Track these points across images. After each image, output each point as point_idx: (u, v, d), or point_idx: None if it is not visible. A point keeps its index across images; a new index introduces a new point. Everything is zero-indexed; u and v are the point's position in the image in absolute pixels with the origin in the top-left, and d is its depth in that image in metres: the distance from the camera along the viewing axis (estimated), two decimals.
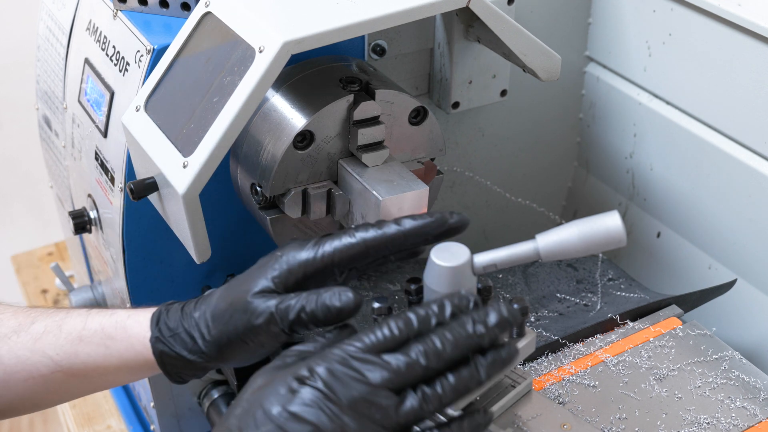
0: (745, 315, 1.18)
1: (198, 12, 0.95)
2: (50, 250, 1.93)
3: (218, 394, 1.20)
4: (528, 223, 1.37)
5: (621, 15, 1.24)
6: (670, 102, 1.22)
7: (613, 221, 0.74)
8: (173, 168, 0.89)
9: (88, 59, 1.14)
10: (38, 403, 0.93)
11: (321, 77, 0.99)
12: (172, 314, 0.86)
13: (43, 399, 0.92)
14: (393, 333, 0.70)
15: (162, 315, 0.87)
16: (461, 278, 0.78)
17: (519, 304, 0.82)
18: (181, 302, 0.87)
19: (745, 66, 1.09)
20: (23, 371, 0.89)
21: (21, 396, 0.91)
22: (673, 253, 1.28)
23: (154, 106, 0.94)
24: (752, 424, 0.95)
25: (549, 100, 1.31)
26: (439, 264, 0.78)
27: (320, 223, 1.00)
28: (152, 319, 0.87)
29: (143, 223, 1.08)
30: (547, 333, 1.07)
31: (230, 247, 1.13)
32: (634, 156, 1.30)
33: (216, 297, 0.84)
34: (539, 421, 0.87)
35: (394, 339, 0.70)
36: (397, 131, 0.99)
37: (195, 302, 0.86)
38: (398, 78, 1.15)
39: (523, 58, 1.00)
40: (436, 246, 0.79)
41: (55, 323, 0.90)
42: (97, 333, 0.88)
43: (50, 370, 0.89)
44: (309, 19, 0.87)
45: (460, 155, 1.28)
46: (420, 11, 0.90)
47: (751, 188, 1.13)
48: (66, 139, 1.24)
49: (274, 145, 0.94)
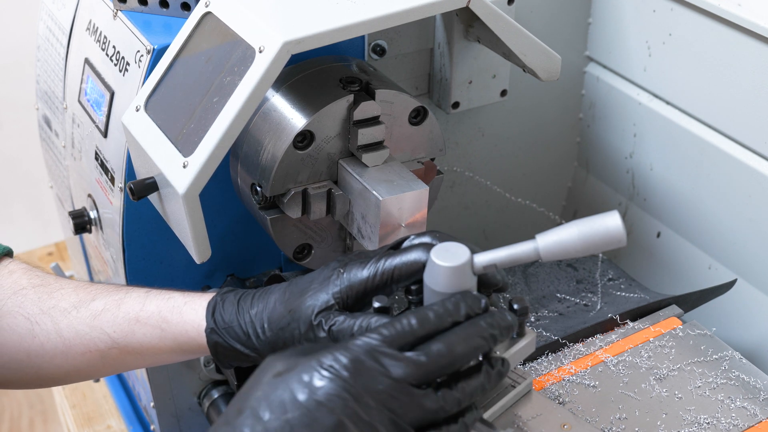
0: (745, 315, 1.18)
1: (198, 12, 0.95)
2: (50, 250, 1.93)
3: (218, 394, 1.20)
4: (528, 223, 1.37)
5: (621, 15, 1.24)
6: (670, 102, 1.22)
7: (613, 221, 0.74)
8: (173, 168, 0.89)
9: (88, 59, 1.14)
10: (93, 374, 0.97)
11: (321, 77, 0.99)
12: (227, 306, 0.88)
13: (98, 371, 0.96)
14: (413, 328, 0.72)
15: (218, 306, 0.88)
16: (461, 278, 0.78)
17: (519, 304, 0.82)
18: (237, 292, 0.89)
19: (745, 66, 1.09)
20: (81, 345, 0.93)
21: (78, 368, 0.95)
22: (673, 253, 1.28)
23: (154, 106, 0.94)
24: (752, 424, 0.95)
25: (549, 100, 1.31)
26: (439, 264, 0.78)
27: (320, 223, 1.00)
28: (208, 308, 0.89)
29: (143, 223, 1.08)
30: (547, 333, 1.07)
31: (230, 247, 1.13)
32: (634, 156, 1.30)
33: (274, 299, 0.86)
34: (539, 421, 0.87)
35: (413, 334, 0.72)
36: (397, 131, 0.99)
37: (251, 298, 0.87)
38: (398, 78, 1.15)
39: (523, 58, 1.00)
40: (436, 246, 0.79)
41: (115, 302, 0.93)
42: (153, 315, 0.91)
43: (107, 346, 0.92)
44: (309, 19, 0.87)
45: (460, 155, 1.28)
46: (420, 11, 0.90)
47: (751, 188, 1.13)
48: (66, 139, 1.24)
49: (274, 145, 0.94)
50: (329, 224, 1.00)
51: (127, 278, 1.11)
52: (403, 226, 0.94)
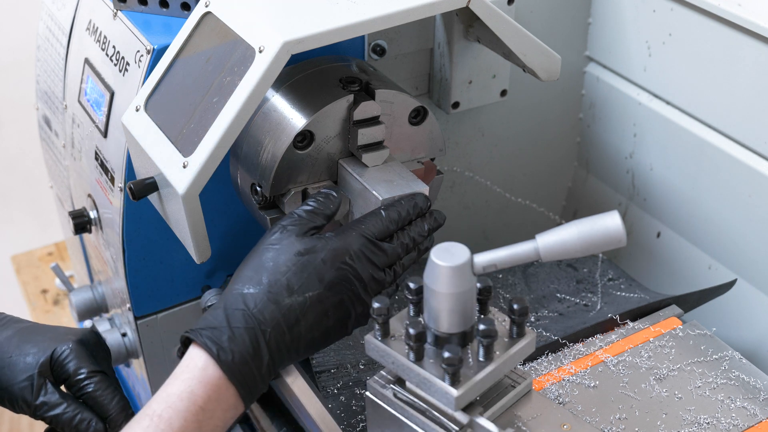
0: (745, 315, 1.18)
1: (198, 12, 0.95)
2: (50, 250, 1.93)
3: None
4: (528, 223, 1.37)
5: (621, 15, 1.24)
6: (670, 102, 1.22)
7: (613, 221, 0.74)
8: (173, 168, 0.89)
9: (88, 59, 1.14)
10: None
11: (321, 77, 0.99)
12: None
13: None
14: (387, 228, 0.92)
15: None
16: (461, 278, 0.78)
17: (519, 304, 0.82)
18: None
19: (745, 66, 1.09)
20: None
21: None
22: (673, 253, 1.28)
23: (154, 106, 0.94)
24: (752, 424, 0.95)
25: (549, 100, 1.31)
26: (439, 264, 0.78)
27: None
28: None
29: (143, 223, 1.08)
30: (547, 333, 1.07)
31: (230, 247, 1.13)
32: (634, 156, 1.30)
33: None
34: (539, 421, 0.87)
35: (387, 231, 0.93)
36: (397, 131, 0.99)
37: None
38: (398, 78, 1.15)
39: (523, 58, 1.00)
40: (437, 246, 0.79)
41: None
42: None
43: None
44: (309, 19, 0.87)
45: (460, 155, 1.28)
46: (420, 11, 0.90)
47: (751, 188, 1.13)
48: (66, 139, 1.24)
49: (274, 145, 0.94)
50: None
51: (127, 278, 1.11)
52: None
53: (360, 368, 1.06)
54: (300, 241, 0.88)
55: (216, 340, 0.83)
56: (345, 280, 0.88)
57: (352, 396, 1.02)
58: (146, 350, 1.18)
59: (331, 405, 1.01)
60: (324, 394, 1.03)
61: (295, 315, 0.86)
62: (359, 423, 0.99)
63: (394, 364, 0.83)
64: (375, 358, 0.85)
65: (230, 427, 1.09)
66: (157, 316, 1.16)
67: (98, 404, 0.98)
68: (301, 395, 0.99)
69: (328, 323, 0.88)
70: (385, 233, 0.92)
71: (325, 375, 1.05)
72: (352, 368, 1.06)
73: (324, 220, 0.91)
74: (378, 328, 0.84)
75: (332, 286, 0.88)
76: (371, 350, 0.85)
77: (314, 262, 0.87)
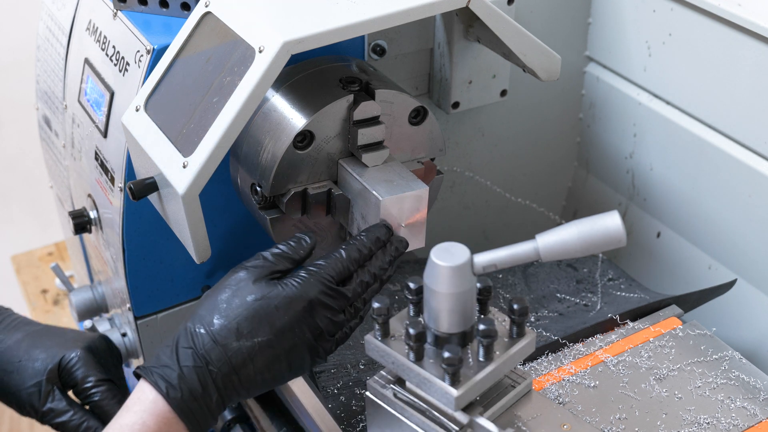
0: (745, 315, 1.18)
1: (198, 12, 0.95)
2: (50, 250, 1.93)
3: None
4: (528, 223, 1.37)
5: (621, 15, 1.24)
6: (670, 102, 1.22)
7: (613, 221, 0.74)
8: (173, 168, 0.89)
9: (88, 59, 1.14)
10: None
11: (321, 77, 0.99)
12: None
13: None
14: (347, 269, 0.91)
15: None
16: (461, 278, 0.78)
17: (519, 304, 0.82)
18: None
19: (745, 66, 1.09)
20: None
21: None
22: (673, 253, 1.28)
23: (154, 106, 0.94)
24: (752, 424, 0.95)
25: (549, 100, 1.31)
26: (439, 264, 0.78)
27: (320, 223, 1.00)
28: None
29: (143, 223, 1.08)
30: (547, 333, 1.07)
31: (230, 247, 1.13)
32: (634, 156, 1.30)
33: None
34: (539, 421, 0.87)
35: (347, 272, 0.91)
36: (397, 131, 0.99)
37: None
38: (398, 78, 1.15)
39: (523, 58, 1.00)
40: (437, 246, 0.79)
41: None
42: None
43: None
44: (309, 19, 0.87)
45: (460, 155, 1.28)
46: (420, 11, 0.90)
47: (751, 188, 1.13)
48: (66, 139, 1.24)
49: (274, 145, 0.94)
50: (329, 224, 1.00)
51: (127, 278, 1.11)
52: (403, 226, 0.94)
53: (360, 368, 1.06)
54: (257, 285, 0.88)
55: (166, 378, 0.85)
56: (297, 328, 0.87)
57: (352, 396, 1.02)
58: (146, 350, 1.18)
59: (331, 405, 1.01)
60: (324, 394, 1.03)
61: (242, 358, 0.86)
62: (359, 423, 0.99)
63: (394, 364, 0.83)
64: (375, 358, 0.85)
65: (230, 427, 1.09)
66: (157, 316, 1.16)
67: (104, 413, 1.01)
68: (301, 395, 0.99)
69: (281, 367, 0.88)
70: (344, 274, 0.90)
71: (325, 375, 1.05)
72: (352, 368, 1.06)
73: (291, 264, 0.91)
74: (378, 328, 0.84)
75: (283, 333, 0.87)
76: (371, 350, 0.85)
77: (267, 308, 0.87)
